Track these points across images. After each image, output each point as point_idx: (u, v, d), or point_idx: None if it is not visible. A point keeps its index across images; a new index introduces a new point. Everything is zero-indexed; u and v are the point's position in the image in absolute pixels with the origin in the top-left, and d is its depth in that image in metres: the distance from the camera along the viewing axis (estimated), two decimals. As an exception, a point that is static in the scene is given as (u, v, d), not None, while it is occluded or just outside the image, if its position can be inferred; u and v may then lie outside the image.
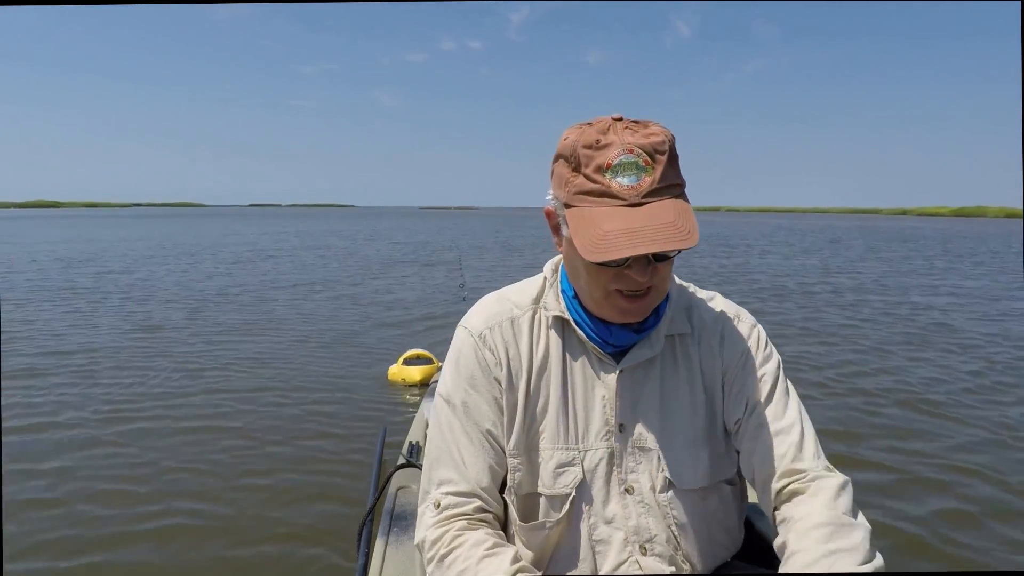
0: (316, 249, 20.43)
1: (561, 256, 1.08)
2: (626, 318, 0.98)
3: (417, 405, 4.41)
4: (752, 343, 1.07)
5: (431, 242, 25.44)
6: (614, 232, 0.85)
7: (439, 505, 1.01)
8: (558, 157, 0.95)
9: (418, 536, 1.02)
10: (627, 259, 0.89)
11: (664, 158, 0.89)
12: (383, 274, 13.30)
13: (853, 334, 6.98)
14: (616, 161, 0.88)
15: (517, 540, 1.06)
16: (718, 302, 1.12)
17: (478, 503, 1.02)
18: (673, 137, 0.92)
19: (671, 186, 0.90)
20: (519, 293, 1.11)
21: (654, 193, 0.88)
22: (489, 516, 1.03)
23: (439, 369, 5.02)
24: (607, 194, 0.88)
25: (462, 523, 0.99)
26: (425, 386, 4.73)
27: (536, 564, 1.04)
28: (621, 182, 0.88)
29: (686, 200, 0.91)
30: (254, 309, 8.53)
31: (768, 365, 1.06)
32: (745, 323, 1.10)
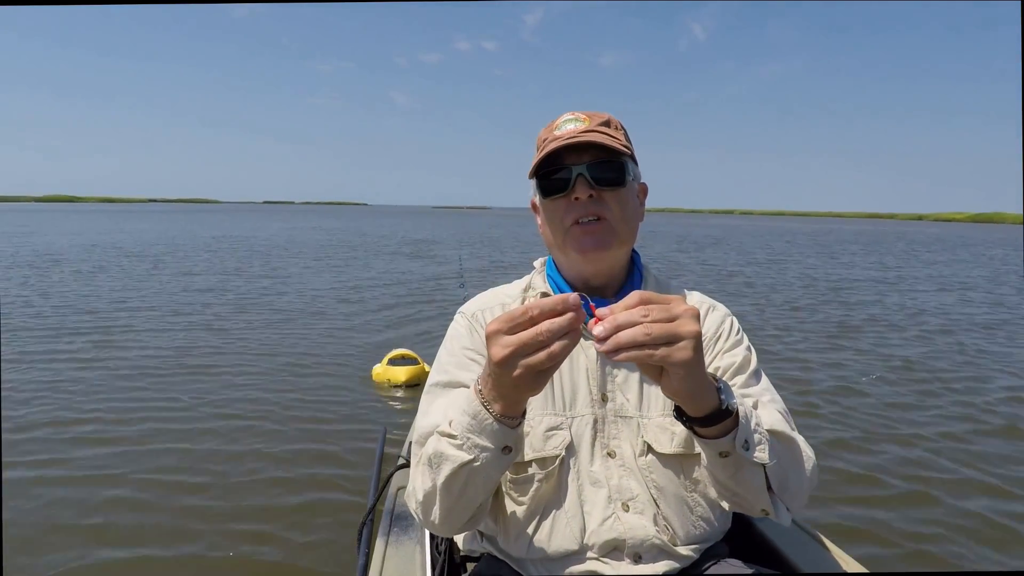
0: (331, 244, 20.86)
1: (547, 256, 1.22)
2: (587, 253, 1.08)
3: (405, 403, 4.37)
4: (725, 328, 1.17)
5: (439, 240, 26.25)
6: (548, 150, 1.07)
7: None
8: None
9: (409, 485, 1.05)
10: (571, 184, 1.06)
11: (601, 120, 1.10)
12: (386, 269, 13.61)
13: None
14: (561, 121, 1.12)
15: (506, 496, 1.11)
16: (695, 295, 1.22)
17: None
18: (618, 120, 1.13)
19: (605, 134, 1.08)
20: (511, 287, 1.23)
21: (587, 132, 1.08)
22: None
23: (427, 371, 5.04)
24: (553, 140, 1.09)
25: None
26: (411, 387, 4.70)
27: (527, 517, 1.09)
28: (562, 130, 1.10)
29: (625, 148, 1.08)
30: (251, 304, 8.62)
31: (740, 347, 1.15)
32: (719, 311, 1.20)
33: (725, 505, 1.15)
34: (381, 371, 4.98)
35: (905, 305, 9.80)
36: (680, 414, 0.89)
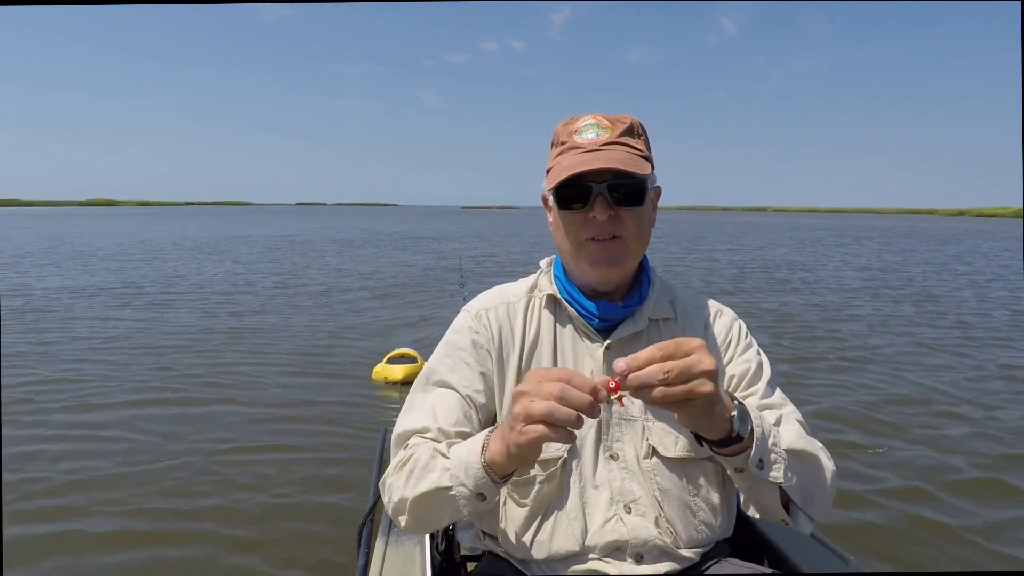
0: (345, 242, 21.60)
1: (554, 256, 1.22)
2: (600, 268, 1.08)
3: (400, 401, 4.39)
4: (734, 333, 1.18)
5: (457, 237, 27.67)
6: (570, 166, 1.04)
7: (407, 447, 1.07)
8: (550, 147, 1.14)
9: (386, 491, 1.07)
10: (590, 201, 1.05)
11: (624, 126, 1.08)
12: (396, 264, 14.18)
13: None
14: (582, 125, 1.09)
15: (508, 498, 1.11)
16: (702, 298, 1.23)
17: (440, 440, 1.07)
18: (640, 123, 1.11)
19: (628, 146, 1.07)
20: (517, 285, 1.23)
21: (610, 144, 1.06)
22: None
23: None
24: (573, 147, 1.08)
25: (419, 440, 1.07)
26: (408, 384, 4.72)
27: (528, 519, 1.09)
28: (584, 137, 1.08)
29: (645, 160, 1.07)
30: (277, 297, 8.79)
31: (750, 352, 1.16)
32: (727, 316, 1.20)
33: (728, 510, 1.16)
34: (380, 370, 5.02)
35: (793, 278, 13.20)
36: (696, 435, 0.95)
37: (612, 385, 0.80)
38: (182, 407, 4.34)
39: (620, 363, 0.79)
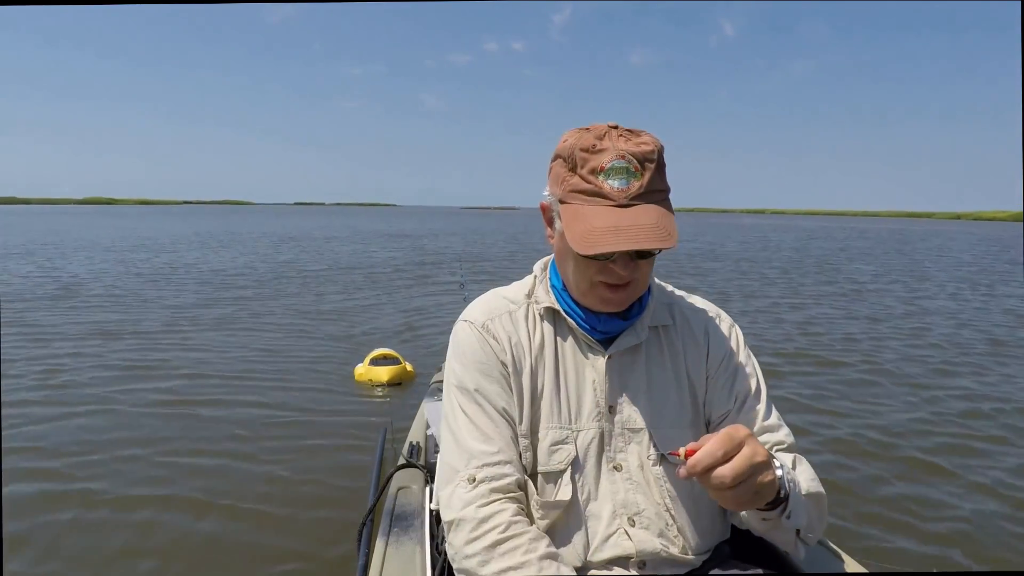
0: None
1: (549, 257, 1.20)
2: (608, 308, 1.07)
3: (391, 402, 4.39)
4: (734, 343, 1.17)
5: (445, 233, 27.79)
6: (602, 229, 0.95)
7: (474, 480, 1.03)
8: (556, 157, 1.04)
9: (452, 514, 1.02)
10: (612, 253, 0.99)
11: (652, 167, 0.98)
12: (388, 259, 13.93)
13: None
14: (609, 165, 0.97)
15: (535, 515, 1.09)
16: (698, 301, 1.22)
17: (514, 477, 1.04)
18: (662, 147, 1.01)
19: (657, 191, 0.99)
20: (512, 291, 1.20)
21: (641, 197, 0.97)
22: (523, 496, 1.06)
23: (408, 370, 4.97)
24: (599, 194, 0.97)
25: (513, 507, 1.02)
26: (393, 385, 4.75)
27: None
28: (612, 184, 0.97)
29: (670, 205, 1.01)
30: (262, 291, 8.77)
31: (750, 365, 1.16)
32: (725, 322, 1.20)
33: (729, 512, 1.16)
34: (364, 371, 4.97)
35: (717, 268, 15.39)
36: None
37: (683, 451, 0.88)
38: (171, 411, 4.29)
39: (681, 471, 0.86)
